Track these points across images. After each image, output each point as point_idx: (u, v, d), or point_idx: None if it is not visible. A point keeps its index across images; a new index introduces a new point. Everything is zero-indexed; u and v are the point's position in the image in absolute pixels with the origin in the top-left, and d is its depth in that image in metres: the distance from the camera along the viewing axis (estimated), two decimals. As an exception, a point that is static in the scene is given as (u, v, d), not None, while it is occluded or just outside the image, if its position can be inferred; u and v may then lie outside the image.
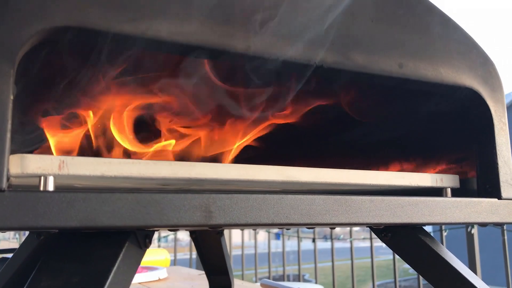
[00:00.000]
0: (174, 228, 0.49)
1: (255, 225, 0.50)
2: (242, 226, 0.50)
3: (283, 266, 3.04)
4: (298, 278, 2.98)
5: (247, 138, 0.79)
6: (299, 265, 3.02)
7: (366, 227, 0.63)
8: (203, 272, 1.24)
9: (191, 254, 3.15)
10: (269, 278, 2.95)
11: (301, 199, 0.52)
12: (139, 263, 0.50)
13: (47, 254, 0.47)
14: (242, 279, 3.12)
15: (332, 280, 2.74)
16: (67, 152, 0.77)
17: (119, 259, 0.46)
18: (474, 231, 2.25)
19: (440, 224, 0.61)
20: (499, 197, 0.64)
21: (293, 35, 0.54)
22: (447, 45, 0.64)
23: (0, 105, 0.41)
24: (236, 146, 0.87)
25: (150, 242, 0.51)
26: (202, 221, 0.47)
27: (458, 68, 0.64)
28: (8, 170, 0.41)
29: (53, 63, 0.56)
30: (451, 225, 0.64)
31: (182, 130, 0.76)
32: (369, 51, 0.59)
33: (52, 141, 0.73)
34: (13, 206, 0.40)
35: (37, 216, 0.41)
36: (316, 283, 2.67)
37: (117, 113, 0.74)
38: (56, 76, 0.61)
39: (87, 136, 0.77)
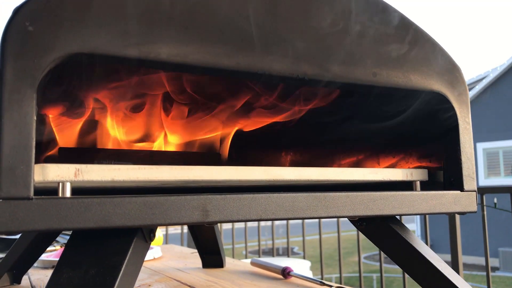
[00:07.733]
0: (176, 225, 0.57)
1: (246, 221, 0.57)
2: (234, 221, 0.57)
3: (272, 239, 3.14)
4: (287, 251, 3.09)
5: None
6: (288, 238, 3.13)
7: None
8: (196, 250, 1.32)
9: (182, 229, 3.25)
10: (258, 251, 3.06)
11: (285, 197, 0.60)
12: (145, 255, 0.57)
13: (67, 249, 0.55)
14: (233, 252, 3.23)
15: (319, 252, 2.85)
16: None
17: (129, 252, 0.53)
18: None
19: (408, 215, 0.69)
20: (461, 189, 0.72)
21: (278, 51, 0.61)
22: (417, 54, 0.71)
23: (26, 125, 0.47)
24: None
25: (154, 236, 0.58)
26: (200, 219, 0.55)
27: (427, 75, 0.71)
28: (34, 180, 0.48)
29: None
30: (419, 215, 0.71)
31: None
32: (345, 62, 0.65)
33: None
34: (39, 211, 0.47)
35: (60, 219, 0.48)
36: (304, 256, 2.77)
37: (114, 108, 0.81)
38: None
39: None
